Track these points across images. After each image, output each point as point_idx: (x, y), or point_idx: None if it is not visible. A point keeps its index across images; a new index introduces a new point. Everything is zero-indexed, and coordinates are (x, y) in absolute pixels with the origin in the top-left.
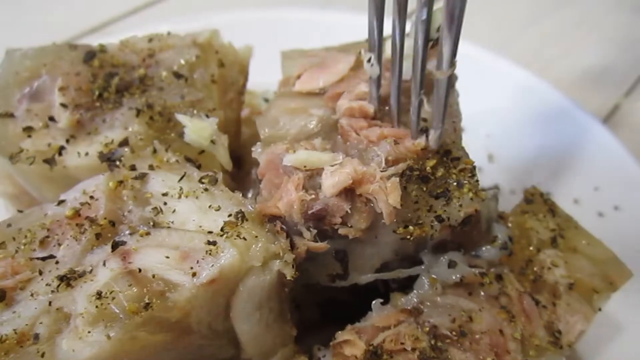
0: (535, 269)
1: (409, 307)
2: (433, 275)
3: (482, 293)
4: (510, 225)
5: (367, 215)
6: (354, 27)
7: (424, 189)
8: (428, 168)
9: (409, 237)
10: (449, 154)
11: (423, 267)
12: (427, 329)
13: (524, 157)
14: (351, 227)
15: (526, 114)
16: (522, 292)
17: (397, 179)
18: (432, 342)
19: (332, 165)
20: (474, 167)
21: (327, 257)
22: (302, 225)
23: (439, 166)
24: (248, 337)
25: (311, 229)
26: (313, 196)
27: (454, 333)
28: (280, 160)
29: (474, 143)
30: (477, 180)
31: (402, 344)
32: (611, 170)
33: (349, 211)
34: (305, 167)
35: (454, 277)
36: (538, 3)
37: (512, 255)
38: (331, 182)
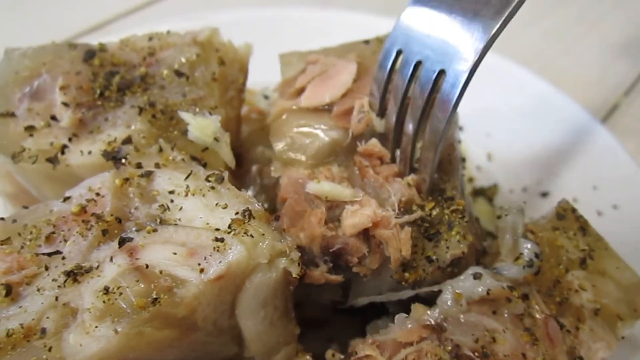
0: (562, 290)
1: (432, 323)
2: (458, 290)
3: (507, 312)
4: (539, 242)
5: (379, 256)
6: (354, 26)
7: (422, 231)
8: (427, 210)
9: (404, 282)
10: (444, 193)
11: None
12: (450, 347)
13: (523, 156)
14: (364, 266)
15: (525, 113)
16: (548, 315)
17: (410, 229)
18: None
19: (352, 203)
20: (465, 209)
21: (333, 285)
22: (319, 258)
23: (435, 206)
24: (252, 335)
25: (328, 262)
26: (333, 233)
27: (476, 354)
28: (302, 186)
29: (474, 142)
30: (467, 222)
31: None
32: (610, 169)
33: (366, 253)
34: (326, 197)
35: (479, 290)
36: (538, 2)
37: (540, 274)
38: (352, 222)
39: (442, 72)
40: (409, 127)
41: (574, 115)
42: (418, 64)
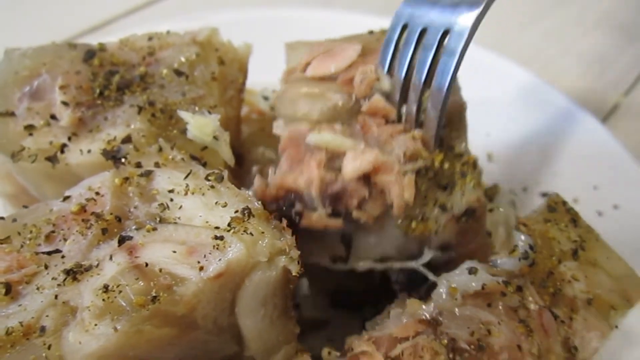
0: (556, 281)
1: (427, 318)
2: (453, 285)
3: (501, 304)
4: (532, 234)
5: (380, 203)
6: (354, 26)
7: (434, 181)
8: (437, 163)
9: (411, 233)
10: (453, 150)
11: (420, 260)
12: (446, 341)
13: (523, 156)
14: (365, 211)
15: (525, 113)
16: (543, 306)
17: (414, 176)
18: (451, 355)
19: (354, 151)
20: (476, 162)
21: (334, 239)
22: (318, 203)
23: (445, 160)
24: (252, 333)
25: (327, 207)
26: (333, 177)
27: (472, 347)
28: (303, 138)
29: (473, 142)
30: (479, 172)
31: (420, 357)
32: (610, 169)
33: (366, 197)
34: (327, 148)
35: (474, 285)
36: (538, 2)
37: (534, 265)
38: (352, 166)
39: (446, 33)
40: (415, 84)
41: (574, 114)
42: (423, 32)
